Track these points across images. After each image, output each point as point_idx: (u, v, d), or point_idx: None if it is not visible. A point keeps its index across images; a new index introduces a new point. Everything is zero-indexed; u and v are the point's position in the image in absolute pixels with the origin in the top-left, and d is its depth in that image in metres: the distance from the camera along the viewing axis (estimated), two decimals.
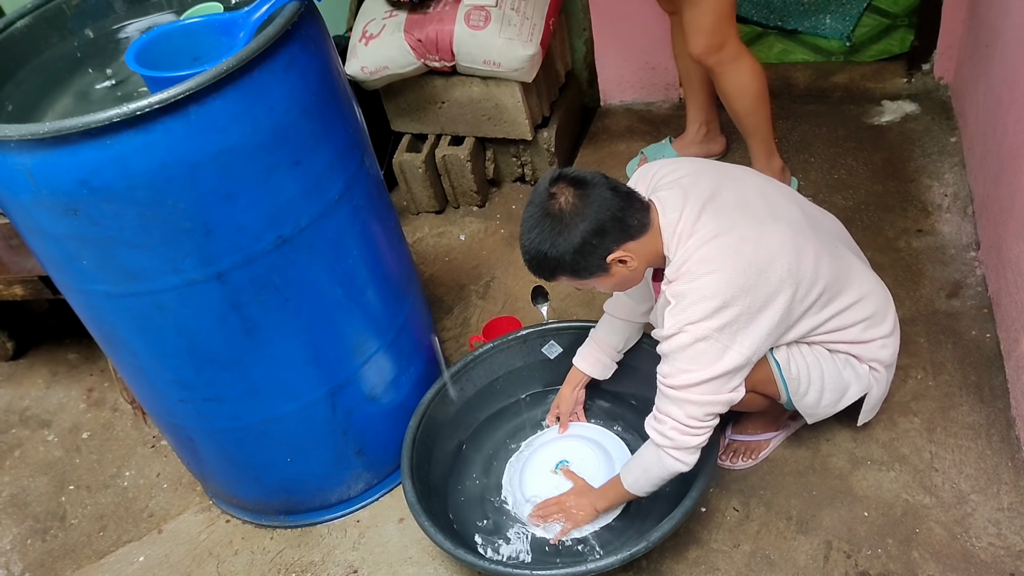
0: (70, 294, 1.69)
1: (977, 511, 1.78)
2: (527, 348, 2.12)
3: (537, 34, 2.51)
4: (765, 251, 1.54)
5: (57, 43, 1.74)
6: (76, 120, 1.32)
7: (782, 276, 1.55)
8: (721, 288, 1.50)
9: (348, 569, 1.96)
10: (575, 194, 1.52)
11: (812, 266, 1.59)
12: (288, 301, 1.67)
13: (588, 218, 1.51)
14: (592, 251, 1.53)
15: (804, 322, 1.65)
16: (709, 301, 1.50)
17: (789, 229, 1.60)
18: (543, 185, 1.56)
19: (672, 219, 1.56)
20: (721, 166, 1.74)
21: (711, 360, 1.53)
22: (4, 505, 2.31)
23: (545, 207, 1.53)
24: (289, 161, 1.55)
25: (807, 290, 1.60)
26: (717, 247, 1.53)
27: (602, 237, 1.53)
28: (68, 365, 2.67)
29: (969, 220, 2.36)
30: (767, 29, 3.25)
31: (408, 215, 2.90)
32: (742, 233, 1.55)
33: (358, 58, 2.58)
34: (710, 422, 1.60)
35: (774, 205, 1.65)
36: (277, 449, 1.91)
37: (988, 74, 2.25)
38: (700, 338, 1.52)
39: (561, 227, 1.52)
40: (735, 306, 1.51)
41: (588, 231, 1.51)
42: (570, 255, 1.53)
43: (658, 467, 1.65)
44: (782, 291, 1.55)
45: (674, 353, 1.55)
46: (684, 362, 1.54)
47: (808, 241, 1.61)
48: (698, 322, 1.51)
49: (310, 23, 1.57)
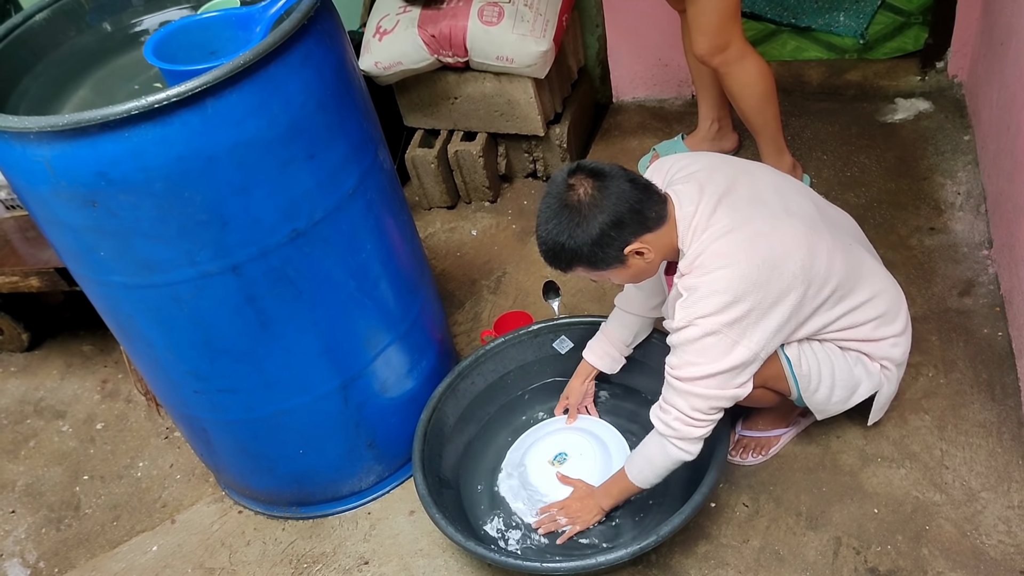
0: (87, 285, 1.71)
1: (987, 509, 1.78)
2: (538, 343, 2.13)
3: (550, 30, 2.52)
4: (779, 247, 1.54)
5: (75, 37, 1.75)
6: (95, 112, 1.34)
7: (795, 272, 1.55)
8: (733, 283, 1.51)
9: (359, 560, 1.98)
10: (594, 185, 1.52)
11: (825, 263, 1.59)
12: (302, 294, 1.68)
13: (607, 210, 1.51)
14: (610, 243, 1.53)
15: (815, 319, 1.65)
16: (721, 296, 1.51)
17: (803, 225, 1.60)
18: (561, 176, 1.56)
19: (688, 212, 1.57)
20: (736, 161, 1.74)
21: (719, 355, 1.54)
22: (19, 495, 2.33)
23: (563, 198, 1.54)
24: (304, 155, 1.56)
25: (819, 287, 1.60)
26: (731, 242, 1.53)
27: (620, 229, 1.53)
28: (83, 356, 2.69)
29: (982, 218, 2.36)
30: (780, 26, 3.25)
31: (420, 210, 2.91)
32: (756, 228, 1.55)
33: (372, 53, 2.59)
34: (714, 415, 1.60)
35: (788, 201, 1.65)
36: (290, 441, 1.93)
37: (1002, 72, 2.24)
38: (709, 332, 1.52)
39: (580, 218, 1.52)
40: (746, 301, 1.51)
41: (607, 222, 1.52)
42: (588, 246, 1.53)
43: (662, 456, 1.65)
44: (794, 288, 1.55)
45: (683, 345, 1.56)
46: (692, 355, 1.55)
47: (821, 238, 1.61)
48: (708, 316, 1.51)
49: (326, 18, 1.58)
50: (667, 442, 1.63)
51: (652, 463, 1.69)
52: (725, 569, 1.79)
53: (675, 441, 1.62)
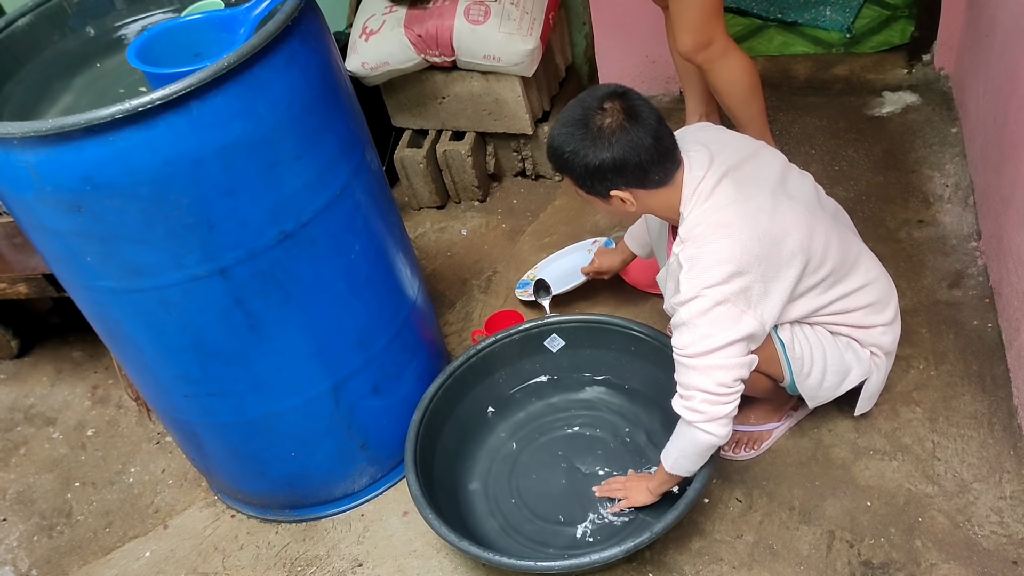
0: (75, 291, 1.70)
1: (979, 500, 1.78)
2: (529, 342, 2.13)
3: (537, 28, 2.51)
4: (780, 224, 1.57)
5: (58, 41, 1.74)
6: (79, 117, 1.33)
7: (793, 250, 1.58)
8: (736, 254, 1.52)
9: (353, 563, 1.97)
10: (621, 122, 1.53)
11: (822, 245, 1.62)
12: (291, 296, 1.68)
13: (616, 151, 1.53)
14: (601, 179, 1.57)
15: (809, 300, 1.66)
16: (725, 265, 1.52)
17: (803, 208, 1.63)
18: (603, 93, 1.56)
19: (695, 177, 1.59)
20: (749, 141, 1.76)
21: (731, 322, 1.54)
22: (10, 502, 2.32)
23: (589, 115, 1.55)
24: (291, 156, 1.55)
25: (816, 267, 1.63)
26: (734, 213, 1.55)
27: (617, 174, 1.56)
28: (72, 363, 2.68)
29: (970, 210, 2.37)
30: (767, 21, 3.25)
31: (410, 210, 2.90)
32: (759, 204, 1.58)
33: (358, 54, 2.58)
34: (738, 387, 1.58)
35: (791, 185, 1.68)
36: (282, 444, 1.92)
37: (988, 64, 2.25)
38: (719, 301, 1.53)
39: (589, 143, 1.55)
40: (749, 273, 1.53)
41: (608, 162, 1.54)
42: (581, 168, 1.57)
43: (692, 445, 1.63)
44: (793, 264, 1.58)
45: (693, 319, 1.55)
46: (705, 327, 1.54)
47: (820, 222, 1.65)
48: (716, 286, 1.52)
49: (310, 19, 1.58)
50: (695, 429, 1.59)
51: (684, 452, 1.66)
52: (719, 564, 1.79)
53: (703, 426, 1.58)
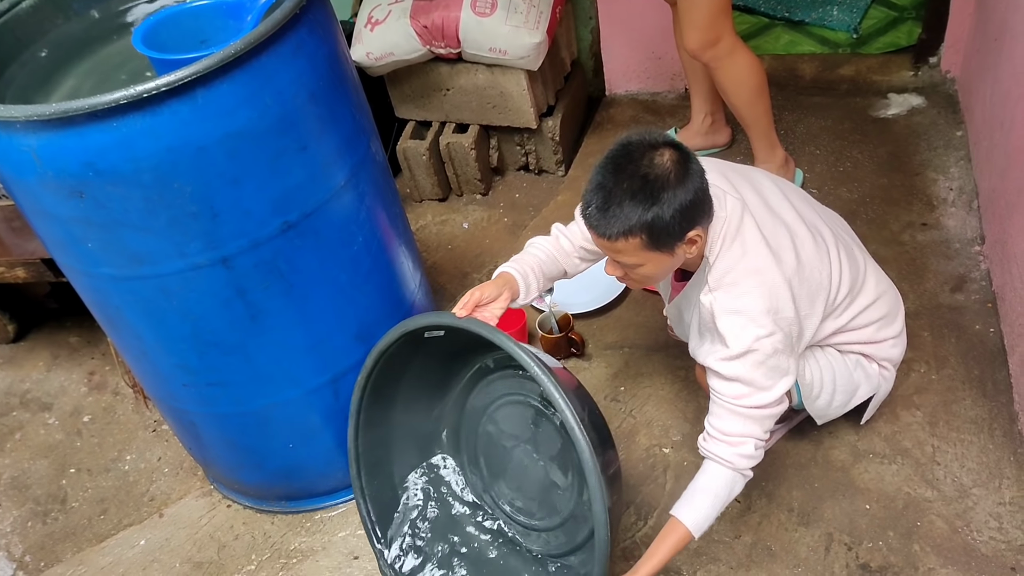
0: (74, 277, 1.69)
1: (979, 505, 1.78)
2: None
3: (543, 22, 2.50)
4: (803, 258, 1.57)
5: (62, 24, 1.72)
6: (82, 102, 1.31)
7: (820, 281, 1.58)
8: (774, 301, 1.51)
9: (349, 555, 1.97)
10: (675, 159, 1.42)
11: (838, 269, 1.63)
12: (293, 287, 1.67)
13: (694, 182, 1.43)
14: (690, 217, 1.43)
15: (827, 324, 1.66)
16: (767, 315, 1.50)
17: (815, 233, 1.63)
18: (643, 141, 1.43)
19: (719, 217, 1.53)
20: (735, 168, 1.70)
21: (784, 371, 1.53)
22: (5, 488, 2.31)
23: (644, 164, 1.41)
24: (296, 146, 1.54)
25: (835, 293, 1.63)
26: (763, 258, 1.52)
27: (698, 209, 1.44)
28: (69, 348, 2.67)
29: (974, 214, 2.36)
30: (774, 20, 3.24)
31: (411, 202, 2.89)
32: (780, 242, 1.56)
33: (363, 44, 2.56)
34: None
35: (797, 209, 1.66)
36: (280, 435, 1.91)
37: (996, 68, 2.24)
38: (771, 353, 1.50)
39: (663, 184, 1.40)
40: (787, 317, 1.52)
41: (692, 196, 1.42)
42: (675, 209, 1.41)
43: (729, 491, 1.55)
44: (819, 297, 1.58)
45: (749, 372, 1.50)
46: (762, 379, 1.51)
47: (831, 246, 1.64)
48: (765, 337, 1.49)
49: (318, 7, 1.56)
50: (740, 475, 1.55)
51: (718, 501, 1.54)
52: (717, 565, 1.79)
53: (749, 470, 1.55)
